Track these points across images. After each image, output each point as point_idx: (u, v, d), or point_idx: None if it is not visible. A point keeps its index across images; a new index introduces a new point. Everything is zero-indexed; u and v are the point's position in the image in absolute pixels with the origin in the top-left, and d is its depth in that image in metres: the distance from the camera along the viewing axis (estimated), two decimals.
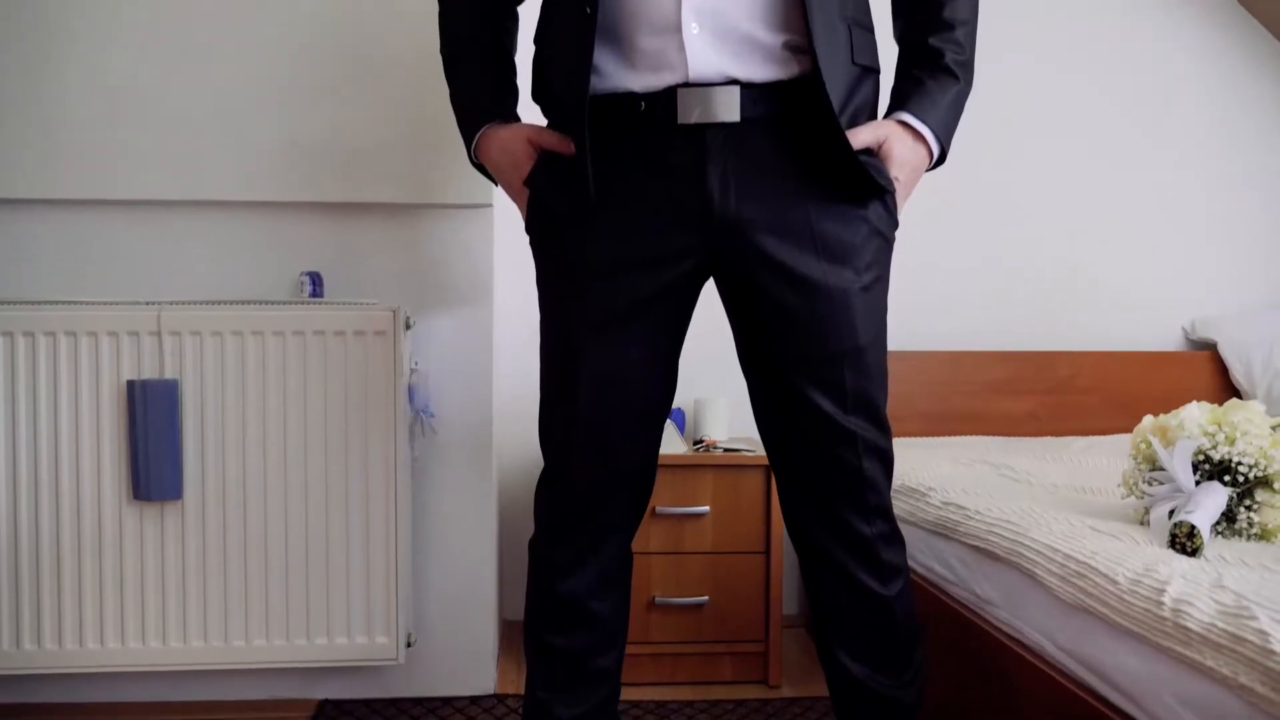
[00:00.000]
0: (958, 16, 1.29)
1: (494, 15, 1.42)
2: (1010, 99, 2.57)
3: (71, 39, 1.86)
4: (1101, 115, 2.65)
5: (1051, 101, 2.63)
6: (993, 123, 2.53)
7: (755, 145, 1.22)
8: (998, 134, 2.56)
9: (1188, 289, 2.67)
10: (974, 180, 2.55)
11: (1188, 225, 2.68)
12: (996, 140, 2.57)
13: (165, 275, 1.90)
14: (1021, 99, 2.60)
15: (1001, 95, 2.53)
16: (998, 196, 2.59)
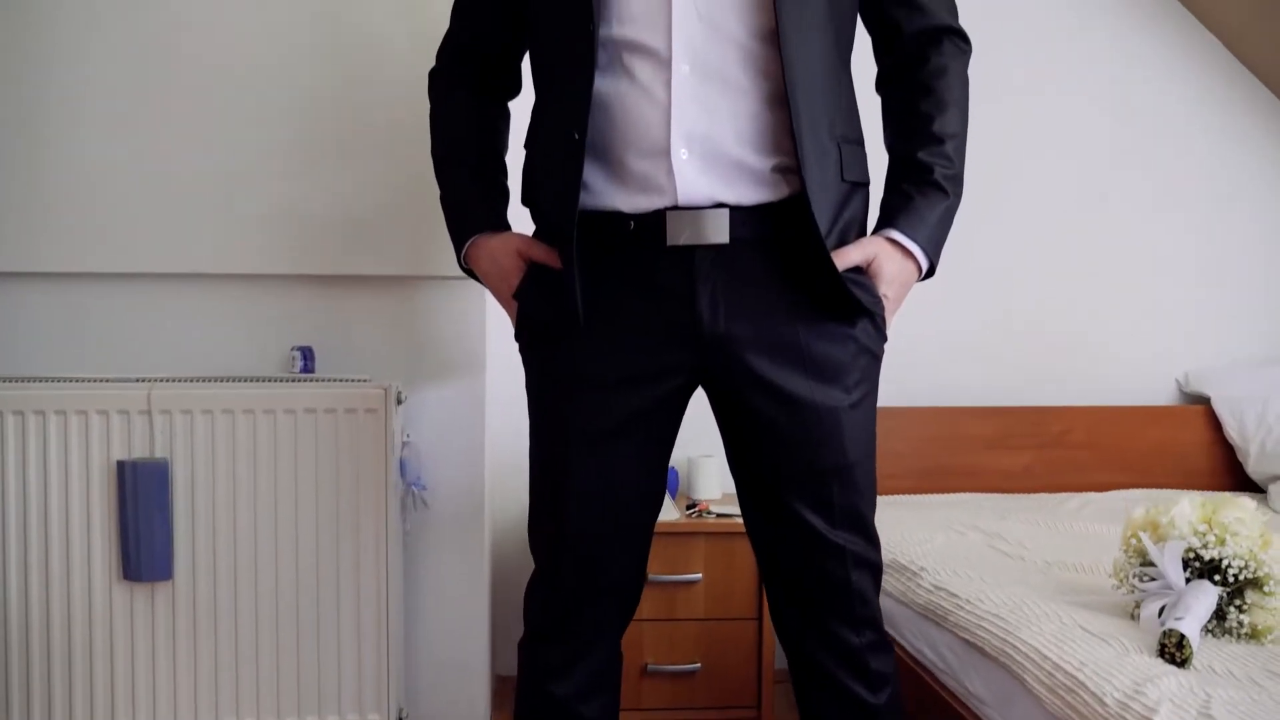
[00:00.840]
0: (947, 130, 1.29)
1: (486, 115, 1.42)
2: (1002, 151, 2.57)
3: (60, 110, 1.86)
4: (1095, 167, 2.65)
5: (1044, 153, 2.63)
6: (984, 176, 2.53)
7: (744, 265, 1.22)
8: (990, 188, 2.55)
9: (1181, 341, 2.67)
10: (966, 235, 2.52)
11: (1181, 277, 2.68)
12: (988, 194, 2.56)
13: (156, 348, 1.90)
14: (1014, 150, 2.60)
15: (993, 147, 2.53)
16: (990, 251, 2.59)
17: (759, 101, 1.21)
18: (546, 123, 1.29)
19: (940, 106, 1.29)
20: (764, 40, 1.20)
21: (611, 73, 1.21)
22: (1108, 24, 2.64)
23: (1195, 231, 2.68)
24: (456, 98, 1.41)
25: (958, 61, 1.32)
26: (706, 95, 1.19)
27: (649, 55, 1.19)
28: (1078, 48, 2.64)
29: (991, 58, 2.57)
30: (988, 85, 2.53)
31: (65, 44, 1.85)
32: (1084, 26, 2.64)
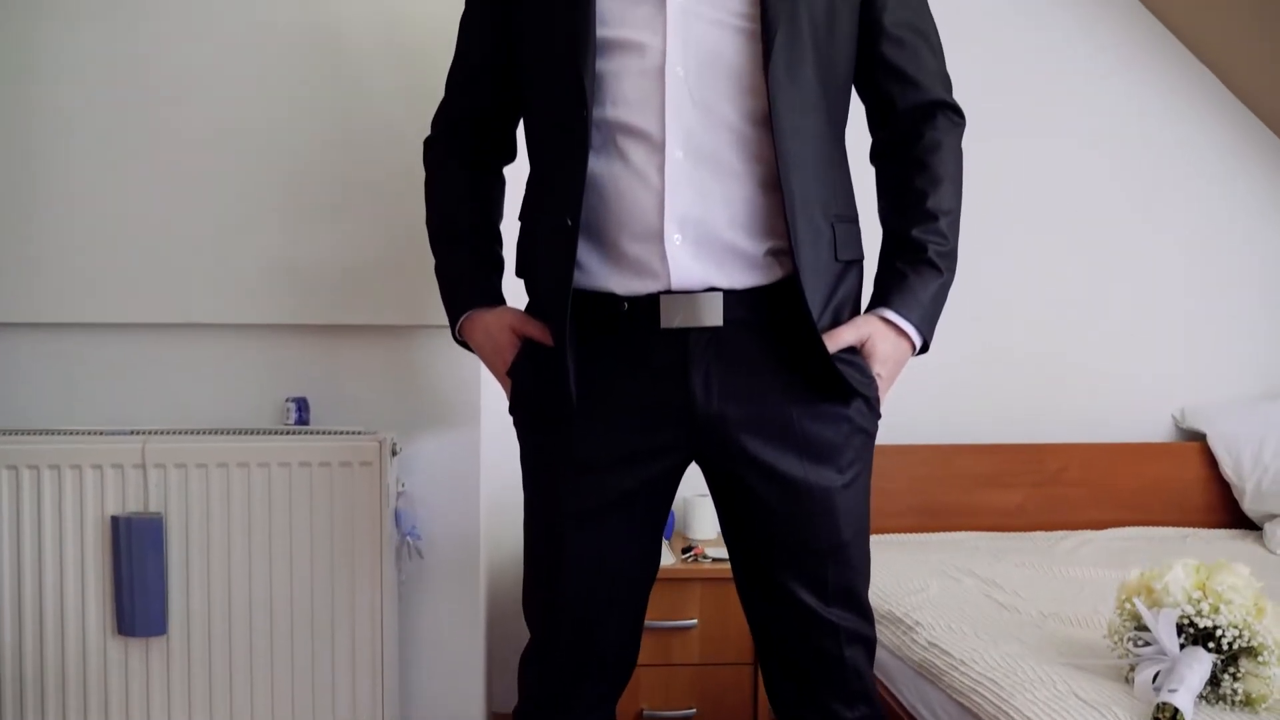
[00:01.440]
0: (941, 207, 1.29)
1: (481, 186, 1.42)
2: (997, 189, 2.56)
3: (55, 161, 1.85)
4: (1090, 203, 2.65)
5: (1038, 189, 2.63)
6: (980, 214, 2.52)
7: (738, 346, 1.22)
8: (985, 226, 2.55)
9: (1177, 376, 2.67)
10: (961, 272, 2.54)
11: (1177, 312, 2.68)
12: (984, 232, 2.55)
13: (150, 398, 1.89)
14: (1008, 186, 2.60)
15: (988, 186, 2.52)
16: (986, 288, 2.58)
17: (752, 185, 1.21)
18: (541, 202, 1.29)
19: (934, 183, 1.29)
20: (757, 124, 1.20)
21: (605, 154, 1.21)
22: (1103, 59, 2.63)
23: (1191, 266, 2.68)
24: (451, 169, 1.41)
25: (951, 136, 1.32)
26: (700, 180, 1.19)
27: (643, 139, 1.19)
28: (1073, 82, 2.63)
29: (988, 92, 2.59)
30: (984, 121, 2.54)
31: (61, 96, 1.85)
32: (1079, 61, 2.63)
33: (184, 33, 1.86)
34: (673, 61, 1.19)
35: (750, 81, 1.20)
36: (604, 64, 1.20)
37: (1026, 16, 2.61)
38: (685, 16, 1.20)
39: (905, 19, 1.30)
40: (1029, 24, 2.62)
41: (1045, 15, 2.62)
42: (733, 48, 1.20)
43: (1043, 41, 2.63)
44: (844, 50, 1.28)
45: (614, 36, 1.21)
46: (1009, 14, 2.61)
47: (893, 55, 1.30)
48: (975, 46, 2.56)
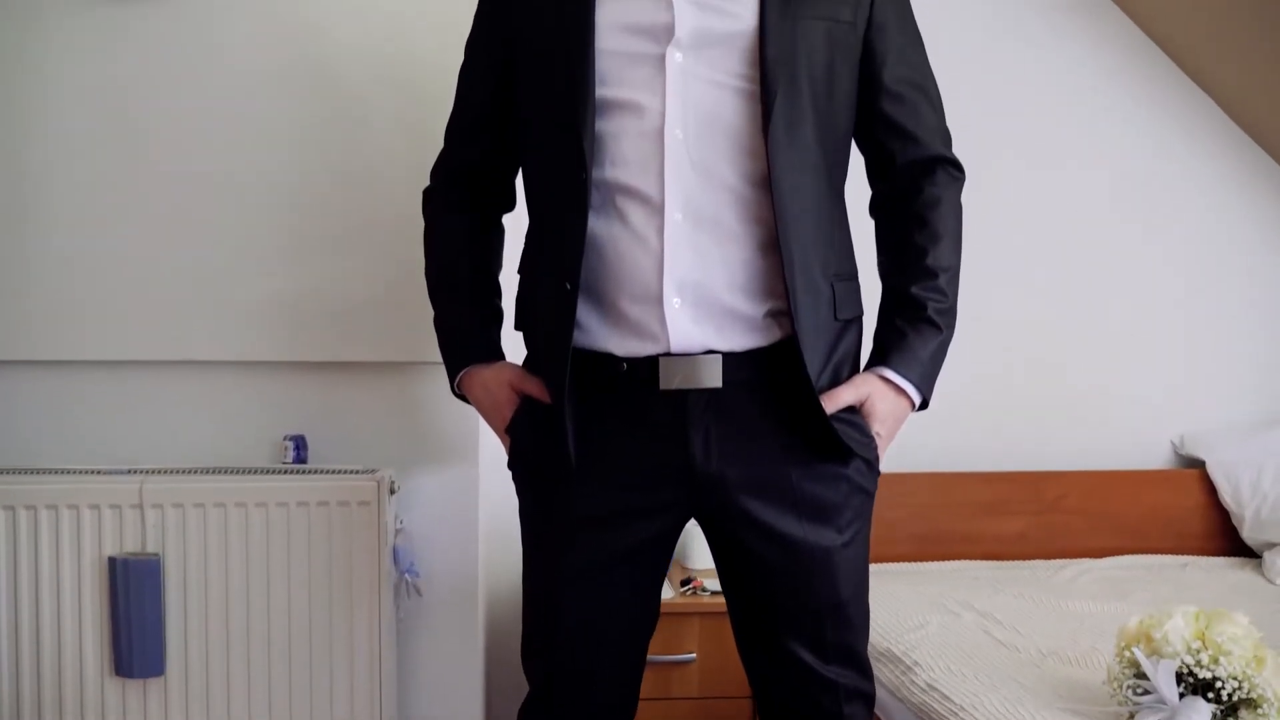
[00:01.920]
0: (940, 264, 1.28)
1: (480, 238, 1.42)
2: (996, 215, 2.55)
3: (53, 198, 1.85)
4: (1090, 230, 2.64)
5: (1038, 217, 2.63)
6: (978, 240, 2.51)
7: (737, 407, 1.22)
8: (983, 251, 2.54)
9: (1176, 402, 2.67)
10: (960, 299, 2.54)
11: (1177, 338, 2.67)
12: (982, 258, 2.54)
13: (147, 435, 1.89)
14: (1007, 214, 2.59)
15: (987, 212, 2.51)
16: (985, 315, 2.57)
17: (752, 248, 1.20)
18: (540, 261, 1.29)
19: (934, 239, 1.29)
20: (756, 185, 1.20)
21: (604, 214, 1.21)
22: (1103, 84, 2.63)
23: (1190, 291, 2.67)
24: (450, 220, 1.41)
25: (951, 191, 1.32)
26: (699, 242, 1.19)
27: (642, 200, 1.19)
28: (1072, 107, 2.63)
29: (988, 116, 2.59)
30: (984, 145, 2.54)
31: (58, 132, 1.85)
32: (1079, 87, 2.63)
33: (183, 69, 1.86)
34: (672, 123, 1.19)
35: (750, 143, 1.20)
36: (603, 124, 1.20)
37: (1027, 42, 2.60)
38: (684, 77, 1.20)
39: (905, 75, 1.30)
40: (1030, 49, 2.61)
41: (1046, 41, 2.61)
42: (732, 109, 1.20)
43: (1042, 66, 2.62)
44: (844, 107, 1.27)
45: (613, 97, 1.20)
46: (1010, 39, 2.60)
47: (892, 111, 1.30)
48: (976, 70, 2.56)
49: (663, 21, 1.20)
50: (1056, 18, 2.60)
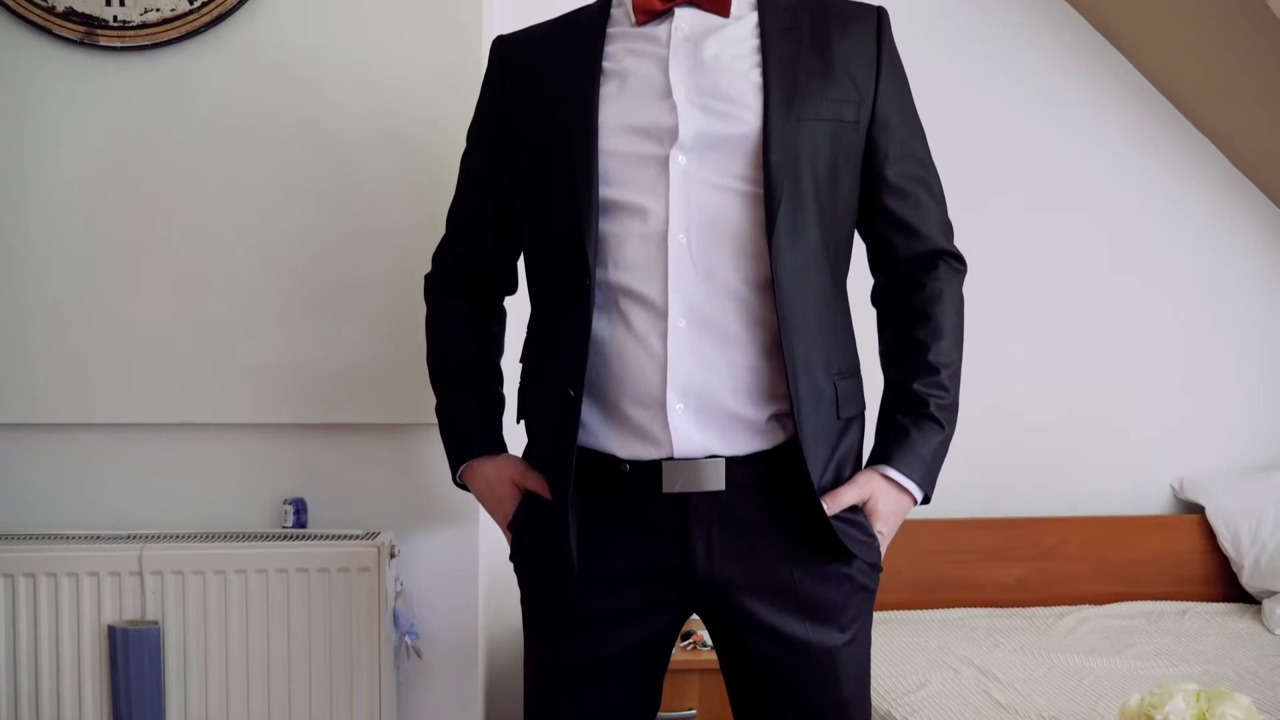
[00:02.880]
0: (942, 360, 1.28)
1: (482, 326, 1.42)
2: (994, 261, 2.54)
3: (51, 262, 1.84)
4: (1088, 274, 2.64)
5: (1036, 262, 2.62)
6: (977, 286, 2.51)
7: (739, 509, 1.21)
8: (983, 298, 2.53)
9: (1175, 445, 2.67)
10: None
11: (1176, 381, 2.67)
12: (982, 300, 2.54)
13: (147, 499, 1.88)
14: (1005, 260, 2.58)
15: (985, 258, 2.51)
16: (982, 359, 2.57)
17: (755, 352, 1.20)
18: (543, 359, 1.29)
19: (936, 334, 1.29)
20: (759, 289, 1.20)
21: (607, 314, 1.20)
22: (1104, 129, 2.63)
23: (1190, 334, 2.67)
24: (452, 308, 1.41)
25: (952, 285, 1.32)
26: (702, 349, 1.18)
27: (645, 304, 1.19)
28: (1074, 152, 2.62)
29: (988, 160, 2.59)
30: (984, 191, 2.54)
31: (57, 195, 1.84)
32: (1079, 131, 2.62)
33: (181, 131, 1.85)
34: (675, 228, 1.18)
35: (753, 247, 1.19)
36: (606, 225, 1.20)
37: (1029, 86, 2.60)
38: (688, 181, 1.19)
39: (908, 170, 1.30)
40: (1031, 94, 2.61)
41: (1046, 82, 2.61)
42: (736, 213, 1.20)
43: (1044, 112, 2.62)
44: (847, 204, 1.27)
45: (616, 198, 1.20)
46: (1011, 80, 2.60)
47: (895, 206, 1.29)
48: (978, 116, 2.56)
49: (666, 124, 1.20)
50: (1057, 59, 2.60)
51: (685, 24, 1.25)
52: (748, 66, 1.22)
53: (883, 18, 1.31)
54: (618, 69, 1.24)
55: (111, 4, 1.83)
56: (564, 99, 1.24)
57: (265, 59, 1.86)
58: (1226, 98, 2.53)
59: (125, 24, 1.84)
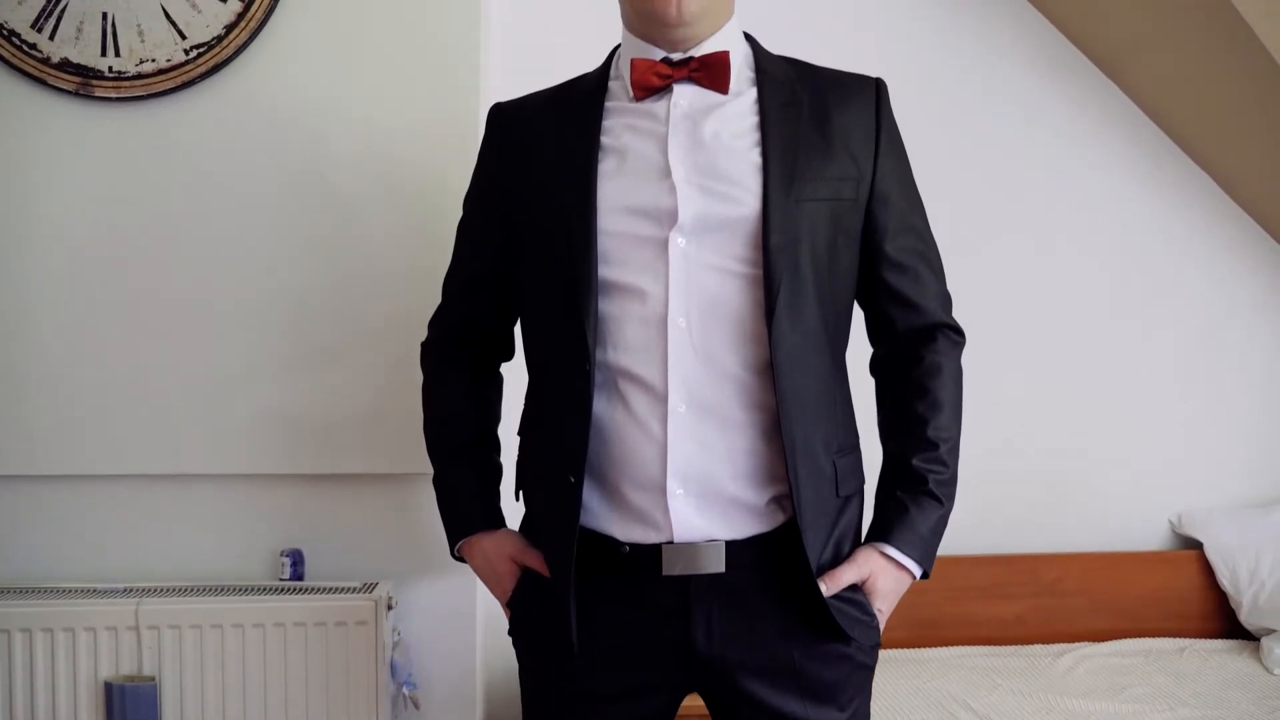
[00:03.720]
0: (941, 435, 1.28)
1: (479, 395, 1.42)
2: (993, 296, 2.54)
3: (49, 314, 1.84)
4: (1086, 308, 2.63)
5: (1033, 297, 2.62)
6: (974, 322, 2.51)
7: (739, 589, 1.21)
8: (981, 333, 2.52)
9: (1174, 480, 2.66)
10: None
11: (1174, 415, 2.66)
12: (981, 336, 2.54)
13: (143, 550, 1.89)
14: (1003, 296, 2.58)
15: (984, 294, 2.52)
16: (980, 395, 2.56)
17: (754, 435, 1.19)
18: (542, 438, 1.28)
19: (934, 408, 1.28)
20: (759, 372, 1.19)
21: (607, 395, 1.20)
22: (1102, 162, 2.62)
23: (1189, 368, 2.66)
24: (449, 377, 1.40)
25: (951, 358, 1.32)
26: (703, 433, 1.18)
27: (645, 388, 1.18)
28: (1074, 190, 2.62)
29: (988, 200, 2.58)
30: (984, 229, 2.54)
31: (51, 245, 1.84)
32: (1079, 166, 2.62)
33: (177, 182, 1.85)
34: (675, 312, 1.18)
35: (753, 330, 1.19)
36: (605, 306, 1.19)
37: (1028, 122, 2.59)
38: (687, 263, 1.19)
39: (907, 244, 1.29)
40: (1030, 127, 2.60)
41: (1047, 120, 2.60)
42: (736, 296, 1.19)
43: (1042, 145, 2.61)
44: (846, 281, 1.27)
45: (615, 279, 1.20)
46: (1011, 120, 2.59)
47: (894, 280, 1.29)
48: (976, 148, 2.55)
49: (666, 206, 1.19)
50: (1058, 97, 2.59)
51: (684, 101, 1.24)
52: (747, 145, 1.22)
53: (881, 90, 1.30)
54: (616, 146, 1.24)
55: (107, 54, 1.83)
56: (562, 176, 1.23)
57: (261, 109, 1.85)
58: (1230, 138, 2.53)
59: (121, 74, 1.83)
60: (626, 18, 1.29)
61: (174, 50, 1.83)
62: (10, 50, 1.81)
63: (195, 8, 1.83)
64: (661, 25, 1.23)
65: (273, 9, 1.84)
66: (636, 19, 1.26)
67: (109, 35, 1.82)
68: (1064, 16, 2.53)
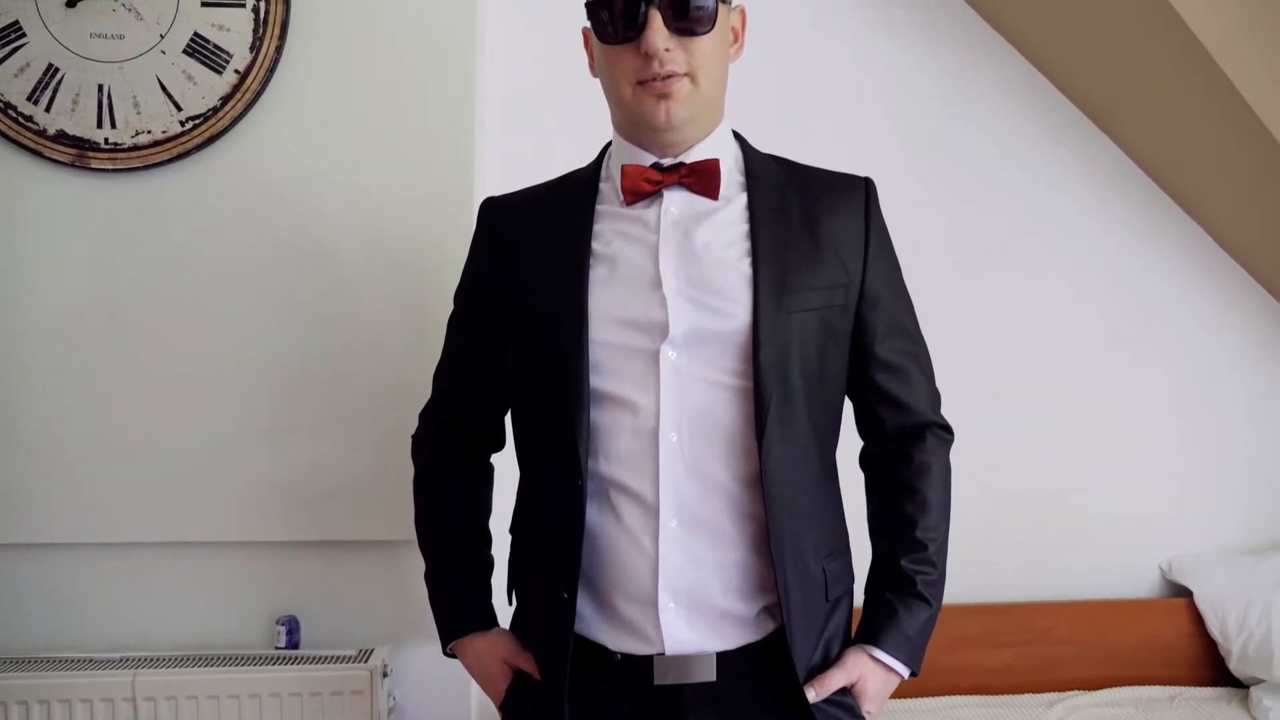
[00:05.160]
0: (929, 535, 1.29)
1: (471, 490, 1.43)
2: (982, 344, 2.56)
3: (45, 382, 1.85)
4: (1077, 356, 2.65)
5: (1025, 344, 2.63)
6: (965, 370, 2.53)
7: (729, 695, 1.23)
8: (972, 378, 2.55)
9: (1164, 526, 2.67)
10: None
11: (1165, 461, 2.68)
12: (971, 384, 2.56)
13: (140, 617, 1.90)
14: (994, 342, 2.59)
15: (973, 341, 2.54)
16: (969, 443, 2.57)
17: (744, 548, 1.21)
18: (535, 545, 1.29)
19: (923, 508, 1.30)
20: (749, 485, 1.21)
21: (599, 504, 1.21)
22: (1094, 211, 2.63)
23: (1180, 415, 2.68)
24: (441, 471, 1.42)
25: (939, 456, 1.33)
26: (693, 547, 1.19)
27: (636, 500, 1.19)
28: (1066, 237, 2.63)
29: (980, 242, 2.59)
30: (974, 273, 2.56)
31: (48, 314, 1.85)
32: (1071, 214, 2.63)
33: (173, 251, 1.87)
34: (666, 426, 1.19)
35: (743, 444, 1.20)
36: (597, 415, 1.20)
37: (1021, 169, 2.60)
38: (678, 376, 1.20)
39: (898, 345, 1.31)
40: (1022, 174, 2.61)
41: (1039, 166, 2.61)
42: (726, 410, 1.20)
43: (1038, 193, 2.62)
44: (835, 384, 1.28)
45: (606, 390, 1.21)
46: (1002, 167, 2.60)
47: (884, 381, 1.30)
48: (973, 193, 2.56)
49: (657, 319, 1.20)
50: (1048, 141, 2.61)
51: (674, 208, 1.25)
52: (737, 255, 1.23)
53: (870, 191, 1.31)
54: (607, 253, 1.25)
55: (103, 126, 1.84)
56: (553, 281, 1.24)
57: (256, 180, 1.87)
58: (1214, 188, 2.55)
59: (117, 146, 1.84)
60: (617, 120, 1.30)
61: (169, 122, 1.84)
62: (7, 123, 1.82)
63: (191, 80, 1.84)
64: (651, 130, 1.24)
65: (268, 81, 1.85)
66: (627, 123, 1.27)
67: (105, 107, 1.83)
68: (1055, 71, 2.55)
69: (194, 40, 1.83)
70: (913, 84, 2.53)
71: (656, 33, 1.18)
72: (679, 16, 1.19)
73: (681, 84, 1.21)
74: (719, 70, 1.25)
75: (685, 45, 1.21)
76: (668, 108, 1.21)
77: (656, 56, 1.19)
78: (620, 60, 1.22)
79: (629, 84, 1.22)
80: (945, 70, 2.54)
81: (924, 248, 2.38)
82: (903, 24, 2.48)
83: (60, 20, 1.81)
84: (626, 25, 1.20)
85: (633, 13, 1.19)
